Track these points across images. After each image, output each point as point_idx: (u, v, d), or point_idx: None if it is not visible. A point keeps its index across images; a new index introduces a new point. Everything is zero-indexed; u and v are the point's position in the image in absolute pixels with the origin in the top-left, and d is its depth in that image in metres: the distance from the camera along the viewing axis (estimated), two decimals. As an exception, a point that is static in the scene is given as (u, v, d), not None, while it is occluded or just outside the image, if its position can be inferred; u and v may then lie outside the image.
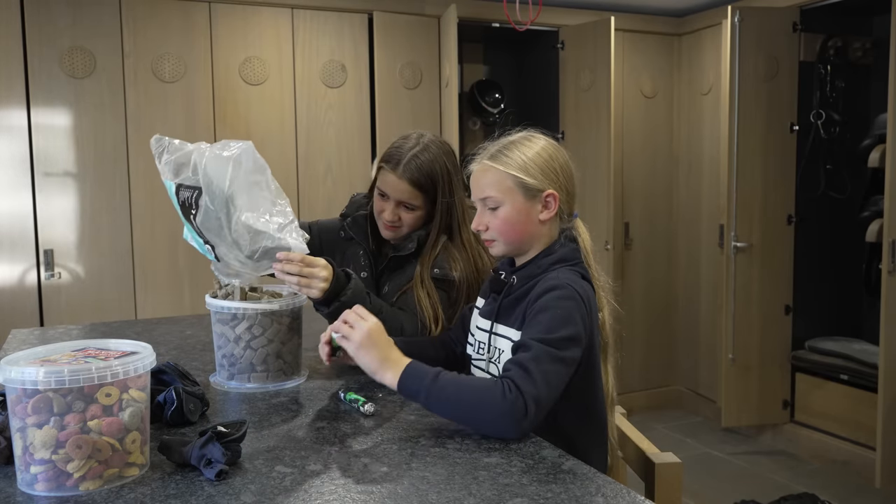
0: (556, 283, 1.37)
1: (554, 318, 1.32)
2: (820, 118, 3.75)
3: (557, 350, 1.29)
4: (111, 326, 2.27)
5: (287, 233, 1.48)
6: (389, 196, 1.76)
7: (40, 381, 1.00)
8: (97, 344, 1.17)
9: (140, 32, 3.26)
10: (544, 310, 1.34)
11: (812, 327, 3.87)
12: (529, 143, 1.45)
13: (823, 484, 3.41)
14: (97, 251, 3.25)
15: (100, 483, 1.04)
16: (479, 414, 1.24)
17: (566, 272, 1.41)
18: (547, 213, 1.44)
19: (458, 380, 1.27)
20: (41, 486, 1.02)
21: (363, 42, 3.65)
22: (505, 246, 1.47)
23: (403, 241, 1.83)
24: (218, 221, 1.44)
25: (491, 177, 1.44)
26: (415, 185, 1.74)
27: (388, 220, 1.78)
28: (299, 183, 3.57)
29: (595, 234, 4.52)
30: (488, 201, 1.45)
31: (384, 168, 1.77)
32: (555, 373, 1.27)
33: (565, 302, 1.34)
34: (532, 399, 1.22)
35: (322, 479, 1.07)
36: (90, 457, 1.02)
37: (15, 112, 3.10)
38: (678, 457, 1.27)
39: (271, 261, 1.49)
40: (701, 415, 4.35)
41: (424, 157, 1.74)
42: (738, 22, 3.61)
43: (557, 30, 4.10)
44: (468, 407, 1.24)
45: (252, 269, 1.50)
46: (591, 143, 3.97)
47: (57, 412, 1.01)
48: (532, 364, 1.26)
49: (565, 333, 1.31)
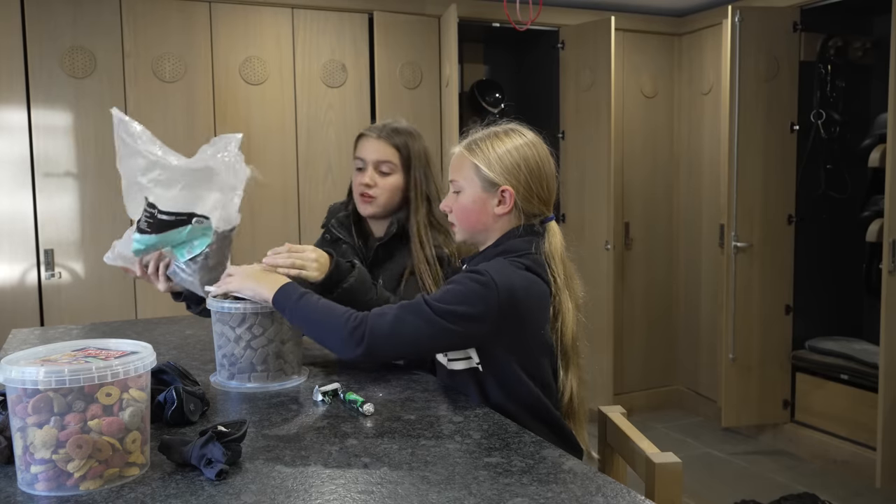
0: (476, 268, 1.40)
1: (449, 291, 1.37)
2: (820, 118, 3.75)
3: (432, 312, 1.34)
4: (111, 326, 2.27)
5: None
6: (366, 160, 1.86)
7: (41, 380, 0.99)
8: (97, 344, 1.17)
9: (140, 32, 3.27)
10: (449, 283, 1.40)
11: (812, 327, 3.87)
12: (506, 138, 1.49)
13: (824, 484, 3.41)
14: (97, 251, 3.25)
15: (100, 483, 1.03)
16: (323, 333, 1.41)
17: (500, 262, 1.42)
18: (502, 207, 1.47)
19: (317, 303, 1.42)
20: (41, 485, 1.02)
21: (363, 42, 3.66)
22: (462, 233, 1.55)
23: (385, 227, 1.88)
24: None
25: (458, 162, 1.52)
26: (390, 143, 1.85)
27: (364, 183, 1.85)
28: (299, 183, 3.58)
29: (595, 234, 4.50)
30: (454, 184, 1.53)
31: (363, 136, 1.89)
32: (413, 325, 1.35)
33: (471, 283, 1.37)
34: (370, 330, 1.34)
35: (322, 479, 1.07)
36: (90, 456, 1.02)
37: (15, 112, 3.11)
38: (678, 456, 1.27)
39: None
40: (701, 414, 4.35)
41: (401, 126, 1.90)
42: (738, 22, 3.61)
43: (558, 29, 4.10)
44: (317, 326, 1.41)
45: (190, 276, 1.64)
46: (592, 142, 3.97)
47: (57, 412, 1.01)
48: (396, 309, 1.37)
49: (452, 307, 1.35)
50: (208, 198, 1.55)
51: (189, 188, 1.51)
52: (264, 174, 3.75)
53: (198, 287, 1.64)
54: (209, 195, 1.55)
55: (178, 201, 1.52)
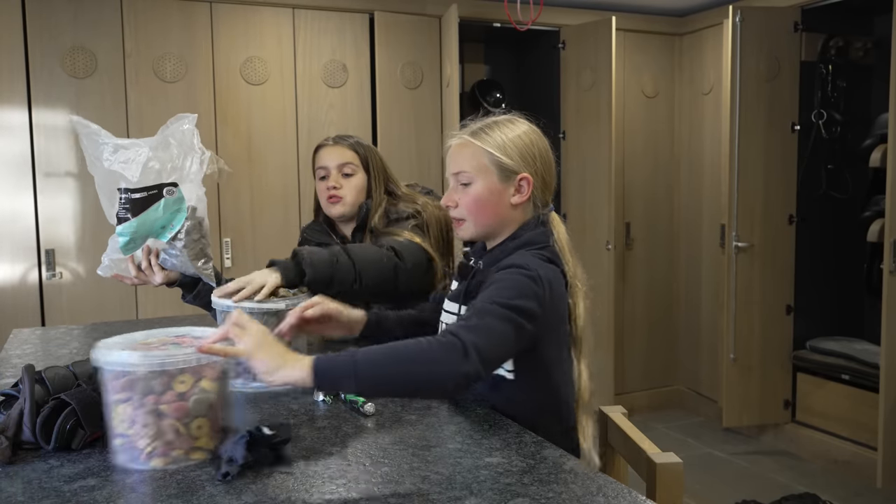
0: (515, 262, 1.34)
1: (506, 287, 1.28)
2: (821, 118, 3.75)
3: (507, 311, 1.24)
4: (112, 326, 2.27)
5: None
6: (329, 167, 1.96)
7: (127, 363, 1.10)
8: (194, 332, 1.27)
9: (141, 32, 3.27)
10: (498, 281, 1.31)
11: (813, 327, 3.87)
12: (512, 126, 1.44)
13: (825, 484, 3.41)
14: (98, 251, 3.22)
15: (166, 461, 1.12)
16: (417, 367, 1.14)
17: (529, 255, 1.37)
18: (519, 196, 1.41)
19: (382, 346, 1.18)
20: (119, 457, 1.13)
21: (364, 42, 3.66)
22: (474, 227, 1.44)
23: (354, 215, 1.97)
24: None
25: (467, 152, 1.42)
26: (349, 147, 1.98)
27: (331, 185, 1.95)
28: (300, 183, 3.58)
29: (596, 234, 4.50)
30: (461, 176, 1.43)
31: (321, 147, 2.00)
32: (500, 331, 1.22)
33: (521, 277, 1.30)
34: (472, 345, 1.15)
35: (323, 479, 1.07)
36: (157, 437, 1.11)
37: (16, 112, 3.11)
38: (679, 457, 1.26)
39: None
40: (702, 415, 4.35)
41: (351, 134, 2.06)
42: (739, 22, 3.61)
43: (558, 30, 4.10)
44: (406, 365, 1.14)
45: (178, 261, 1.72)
46: (592, 142, 3.97)
47: (138, 392, 1.10)
48: (473, 318, 1.22)
49: (518, 303, 1.25)
50: (171, 168, 1.65)
51: (152, 161, 1.62)
52: (265, 174, 3.78)
53: (189, 265, 1.70)
54: (170, 165, 1.64)
55: (146, 175, 1.62)
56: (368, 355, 1.15)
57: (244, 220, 3.49)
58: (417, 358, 1.15)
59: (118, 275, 1.78)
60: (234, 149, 3.44)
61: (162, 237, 1.68)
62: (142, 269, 1.75)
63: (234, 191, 3.46)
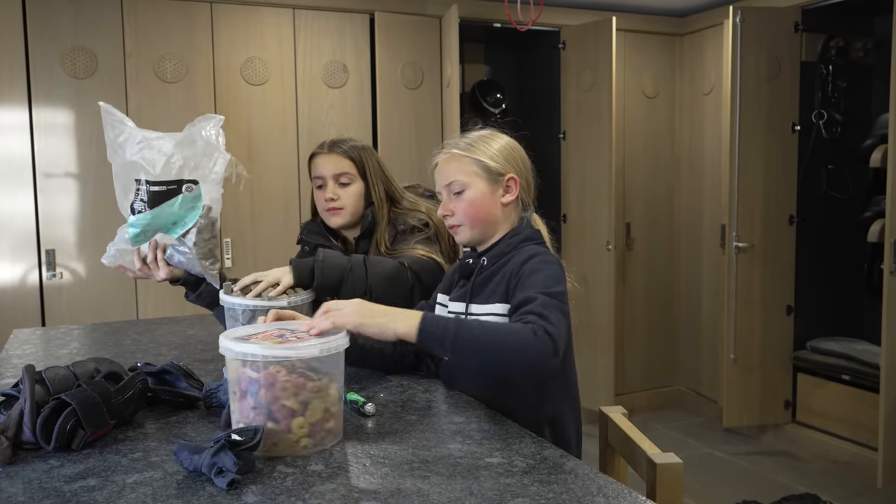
0: (536, 252, 1.46)
1: (548, 276, 1.39)
2: (821, 118, 3.75)
3: (559, 302, 1.34)
4: (113, 326, 2.27)
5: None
6: (325, 176, 1.92)
7: (263, 355, 1.15)
8: (290, 325, 1.31)
9: (141, 32, 3.27)
10: (535, 272, 1.40)
11: (814, 327, 3.87)
12: (492, 137, 1.56)
13: (825, 484, 3.41)
14: (99, 251, 3.23)
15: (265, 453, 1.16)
16: (510, 355, 1.25)
17: (538, 247, 1.50)
18: (509, 195, 1.53)
19: (481, 322, 1.33)
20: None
21: (364, 42, 3.66)
22: (470, 230, 1.54)
23: (357, 222, 1.94)
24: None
25: (455, 163, 1.53)
26: (344, 154, 1.93)
27: (329, 197, 1.91)
28: (300, 184, 3.58)
29: (596, 235, 4.49)
30: (453, 185, 1.53)
31: (314, 156, 1.95)
32: (562, 322, 1.32)
33: (551, 265, 1.43)
34: (559, 339, 1.27)
35: (323, 479, 1.07)
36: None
37: (16, 112, 3.11)
38: (679, 457, 1.26)
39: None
40: (702, 415, 4.35)
41: (345, 138, 1.99)
42: (739, 22, 3.61)
43: (559, 30, 4.10)
44: (500, 347, 1.25)
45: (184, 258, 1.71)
46: (593, 143, 3.97)
47: (245, 388, 1.16)
48: (544, 310, 1.30)
49: (561, 288, 1.38)
50: (193, 166, 1.65)
51: (176, 156, 1.62)
52: (265, 175, 3.78)
53: (196, 264, 1.70)
54: (192, 163, 1.64)
55: (168, 170, 1.62)
56: (471, 331, 1.26)
57: (244, 220, 3.49)
58: (512, 346, 1.25)
59: (122, 266, 1.77)
60: (235, 149, 3.42)
61: (173, 232, 1.68)
62: (147, 263, 1.75)
63: (235, 191, 3.45)
